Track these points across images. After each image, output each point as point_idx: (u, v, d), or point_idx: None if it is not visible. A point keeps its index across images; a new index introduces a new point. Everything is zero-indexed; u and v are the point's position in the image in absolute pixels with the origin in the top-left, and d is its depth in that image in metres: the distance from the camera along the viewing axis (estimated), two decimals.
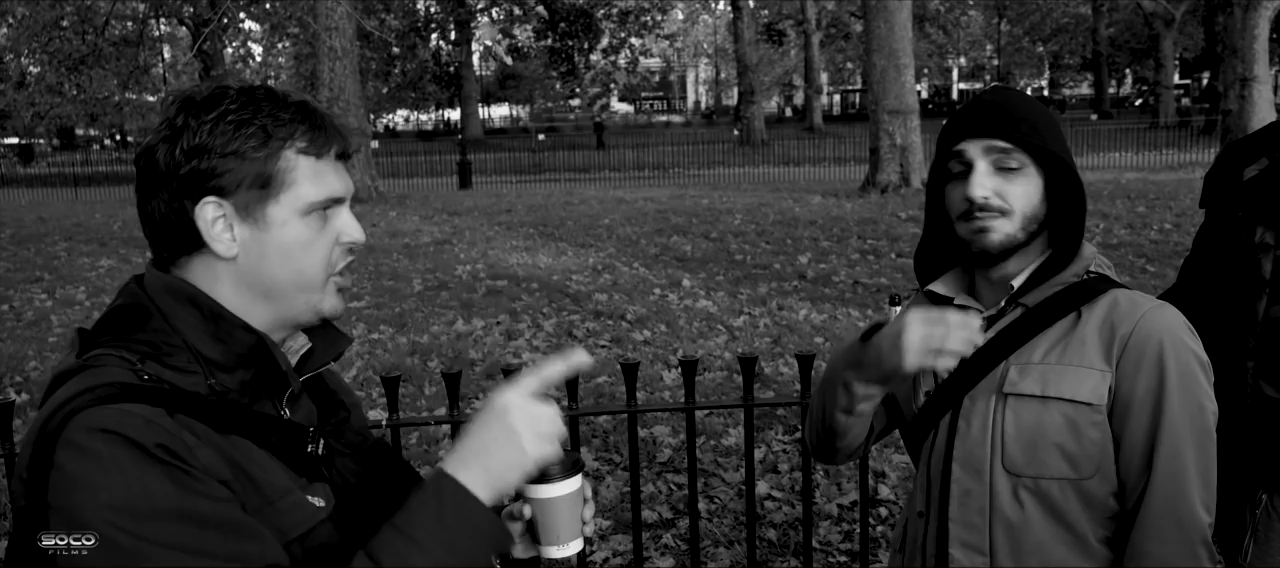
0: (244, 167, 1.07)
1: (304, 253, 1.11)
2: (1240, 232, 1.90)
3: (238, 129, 1.07)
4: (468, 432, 1.08)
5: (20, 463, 1.01)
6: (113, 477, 0.93)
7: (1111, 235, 10.90)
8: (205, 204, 1.07)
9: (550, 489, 1.20)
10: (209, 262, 1.10)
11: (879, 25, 15.79)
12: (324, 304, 1.15)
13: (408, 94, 44.62)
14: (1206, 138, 24.54)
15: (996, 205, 1.45)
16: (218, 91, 1.09)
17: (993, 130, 1.44)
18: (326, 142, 1.12)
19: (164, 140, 1.07)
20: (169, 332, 1.07)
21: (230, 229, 1.08)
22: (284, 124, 1.09)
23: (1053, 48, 49.06)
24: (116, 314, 1.09)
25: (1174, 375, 1.39)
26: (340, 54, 18.23)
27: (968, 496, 1.49)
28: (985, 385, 1.48)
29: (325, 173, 1.12)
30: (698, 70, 73.33)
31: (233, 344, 1.09)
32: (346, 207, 1.16)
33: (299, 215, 1.10)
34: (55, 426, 0.97)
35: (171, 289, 1.09)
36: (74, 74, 21.88)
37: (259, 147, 1.07)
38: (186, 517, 0.95)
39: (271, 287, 1.11)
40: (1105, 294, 1.45)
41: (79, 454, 0.94)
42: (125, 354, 1.05)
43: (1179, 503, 1.39)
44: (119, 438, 0.95)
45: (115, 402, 0.97)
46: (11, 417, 2.44)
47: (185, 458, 0.97)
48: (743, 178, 22.51)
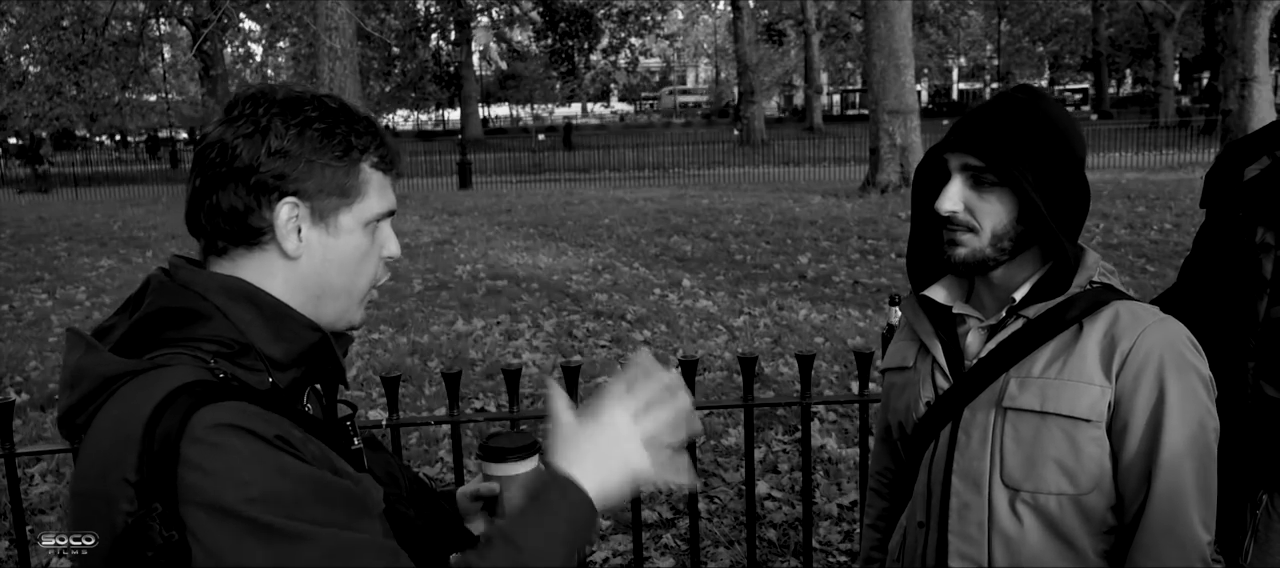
0: (327, 174, 1.10)
1: (361, 263, 1.16)
2: (1241, 232, 1.90)
3: (324, 138, 1.10)
4: (584, 439, 1.13)
5: (114, 468, 0.97)
6: (254, 468, 0.94)
7: (1111, 235, 10.90)
8: (283, 203, 1.08)
9: (510, 468, 1.31)
10: (267, 259, 1.11)
11: (879, 25, 15.79)
12: (356, 315, 1.20)
13: (408, 94, 44.53)
14: (1206, 138, 24.52)
15: (964, 221, 1.45)
16: (296, 97, 1.12)
17: (970, 146, 1.43)
18: (393, 159, 1.18)
19: (246, 136, 1.07)
20: (232, 330, 1.07)
21: (298, 230, 1.10)
22: (361, 136, 1.14)
23: (1053, 48, 49.01)
24: (167, 314, 1.07)
25: (1174, 392, 1.37)
26: (340, 54, 18.21)
27: (966, 508, 1.49)
28: (985, 398, 1.48)
29: (387, 188, 1.18)
30: (698, 70, 73.33)
31: (295, 343, 1.10)
32: (389, 222, 1.21)
33: (362, 226, 1.15)
34: (169, 426, 0.95)
35: (227, 288, 1.08)
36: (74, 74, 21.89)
37: (341, 157, 1.11)
38: (326, 497, 0.97)
39: (325, 290, 1.14)
40: (1107, 306, 1.44)
41: (213, 450, 0.94)
42: (198, 354, 1.05)
43: (1178, 521, 1.37)
44: (246, 432, 0.95)
45: (218, 399, 0.97)
46: (12, 417, 2.43)
47: (299, 447, 0.99)
48: (743, 178, 22.50)
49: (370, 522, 1.01)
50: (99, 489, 0.98)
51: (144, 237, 14.26)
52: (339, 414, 1.23)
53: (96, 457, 0.99)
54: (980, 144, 1.43)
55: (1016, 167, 1.40)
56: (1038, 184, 1.41)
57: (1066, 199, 1.44)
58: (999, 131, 1.42)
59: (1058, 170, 1.43)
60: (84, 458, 1.02)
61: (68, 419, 1.05)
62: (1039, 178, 1.41)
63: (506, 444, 1.34)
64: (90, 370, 1.04)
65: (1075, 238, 1.47)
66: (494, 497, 1.36)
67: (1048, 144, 1.43)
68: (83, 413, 1.03)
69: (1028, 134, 1.42)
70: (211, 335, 1.06)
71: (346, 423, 1.19)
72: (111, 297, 9.67)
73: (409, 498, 1.22)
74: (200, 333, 1.06)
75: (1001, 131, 1.42)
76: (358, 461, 1.15)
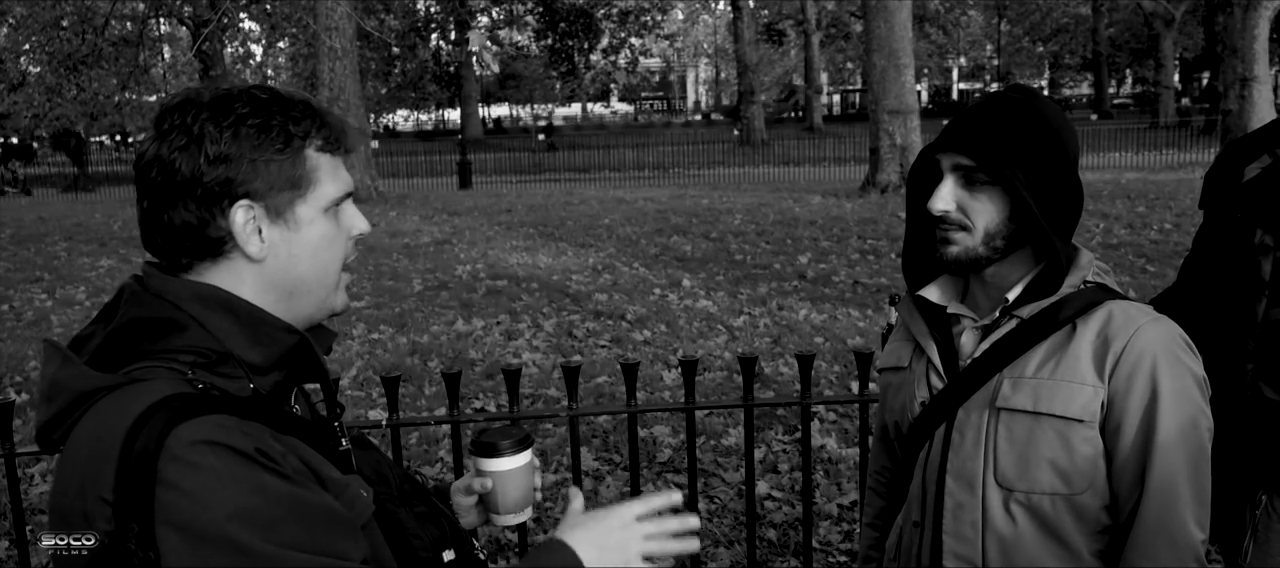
0: (273, 170, 1.08)
1: (330, 248, 1.14)
2: (1240, 233, 1.90)
3: (261, 132, 1.07)
4: (590, 519, 1.19)
5: (91, 485, 0.96)
6: (231, 488, 0.92)
7: (1111, 235, 10.90)
8: (237, 209, 1.06)
9: (502, 463, 1.34)
10: (233, 266, 1.09)
11: (879, 25, 15.79)
12: (336, 301, 1.18)
13: (408, 94, 44.53)
14: (1206, 138, 24.52)
15: (956, 219, 1.46)
16: (223, 95, 1.08)
17: (962, 146, 1.44)
18: (339, 138, 1.15)
19: (181, 149, 1.04)
20: (209, 339, 1.05)
21: (258, 232, 1.08)
22: (299, 123, 1.10)
23: (1053, 48, 48.99)
24: (141, 325, 1.06)
25: (1167, 391, 1.38)
26: (340, 54, 18.22)
27: (961, 508, 1.49)
28: (979, 398, 1.48)
29: (340, 168, 1.16)
30: (698, 70, 73.32)
31: (274, 347, 1.09)
32: (351, 200, 1.19)
33: (322, 213, 1.13)
34: (146, 444, 0.93)
35: (202, 296, 1.07)
36: (74, 74, 21.88)
37: (283, 149, 1.08)
38: (303, 517, 0.95)
39: (297, 285, 1.12)
40: (1101, 306, 1.44)
41: (191, 469, 0.92)
42: (175, 365, 1.03)
43: (1171, 520, 1.38)
44: (224, 448, 0.94)
45: (196, 414, 0.96)
46: (11, 417, 2.44)
47: (278, 461, 0.97)
48: (743, 178, 22.50)
49: (351, 541, 1.00)
50: (77, 507, 0.97)
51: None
52: (323, 414, 1.21)
53: (73, 474, 0.98)
54: (971, 143, 1.43)
55: (1007, 166, 1.40)
56: (1029, 183, 1.41)
57: (1059, 198, 1.44)
58: (990, 131, 1.43)
59: (1049, 169, 1.43)
60: (61, 475, 1.01)
61: (45, 433, 1.04)
62: (1030, 177, 1.41)
63: (499, 439, 1.34)
64: (66, 384, 1.02)
65: (1068, 237, 1.47)
66: (487, 492, 1.36)
67: (1039, 143, 1.43)
68: (59, 428, 1.02)
69: (1019, 133, 1.42)
70: (188, 345, 1.04)
71: (335, 424, 1.17)
72: (111, 297, 9.66)
73: (400, 497, 1.21)
74: (176, 344, 1.04)
75: (993, 131, 1.43)
76: (346, 462, 1.14)
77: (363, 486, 1.10)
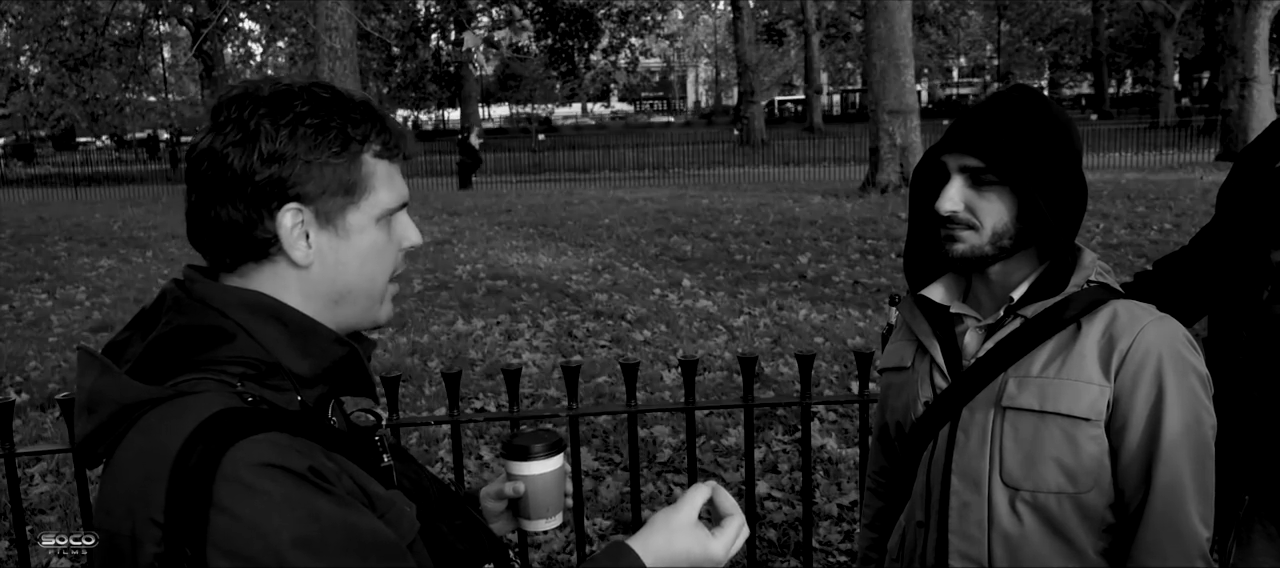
0: (327, 173, 1.03)
1: (378, 259, 1.09)
2: (1263, 225, 1.82)
3: (319, 133, 1.02)
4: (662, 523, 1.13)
5: (140, 506, 0.92)
6: (286, 515, 0.88)
7: (1111, 235, 10.90)
8: (285, 211, 1.01)
9: (536, 466, 1.29)
10: (278, 270, 1.04)
11: (879, 25, 15.79)
12: (381, 312, 1.13)
13: (408, 94, 44.55)
14: (1206, 138, 24.51)
15: (964, 219, 1.46)
16: (284, 91, 1.03)
17: (969, 146, 1.44)
18: (398, 144, 1.10)
19: (235, 144, 1.00)
20: (258, 349, 1.01)
21: (305, 237, 1.03)
22: (359, 126, 1.05)
23: (1053, 48, 49.00)
24: (187, 334, 1.01)
25: (1173, 390, 1.38)
26: (340, 54, 18.19)
27: (966, 508, 1.49)
28: (984, 397, 1.48)
29: (396, 176, 1.10)
30: (698, 70, 73.32)
31: (323, 358, 1.04)
32: (406, 210, 1.14)
33: (374, 222, 1.08)
34: (199, 464, 0.89)
35: (250, 304, 1.02)
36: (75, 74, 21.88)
37: (340, 152, 1.04)
38: (356, 545, 0.91)
39: (343, 294, 1.07)
40: (1105, 306, 1.45)
41: (247, 494, 0.88)
42: (223, 377, 0.98)
43: (1177, 517, 1.39)
44: (281, 471, 0.90)
45: (249, 431, 0.92)
46: (12, 417, 2.44)
47: (332, 481, 0.94)
48: (743, 178, 22.50)
49: (403, 562, 0.97)
50: (125, 528, 0.93)
51: (144, 237, 14.25)
52: (363, 424, 1.13)
53: (122, 495, 0.94)
54: (979, 144, 1.43)
55: (1017, 166, 1.41)
56: (1038, 183, 1.41)
57: (1065, 198, 1.44)
58: (998, 131, 1.43)
59: (1057, 169, 1.43)
60: (108, 494, 0.96)
61: (88, 446, 0.99)
62: (1039, 177, 1.41)
63: (531, 442, 1.30)
64: (109, 396, 0.97)
65: (1073, 237, 1.47)
66: (518, 497, 1.33)
67: (1047, 142, 1.43)
68: (103, 441, 0.98)
69: (1027, 133, 1.43)
70: (237, 356, 1.00)
71: (376, 439, 1.11)
72: (111, 297, 9.66)
73: (438, 510, 1.17)
74: (224, 354, 1.00)
75: (1000, 131, 1.43)
76: (387, 478, 1.09)
77: (406, 502, 1.06)
